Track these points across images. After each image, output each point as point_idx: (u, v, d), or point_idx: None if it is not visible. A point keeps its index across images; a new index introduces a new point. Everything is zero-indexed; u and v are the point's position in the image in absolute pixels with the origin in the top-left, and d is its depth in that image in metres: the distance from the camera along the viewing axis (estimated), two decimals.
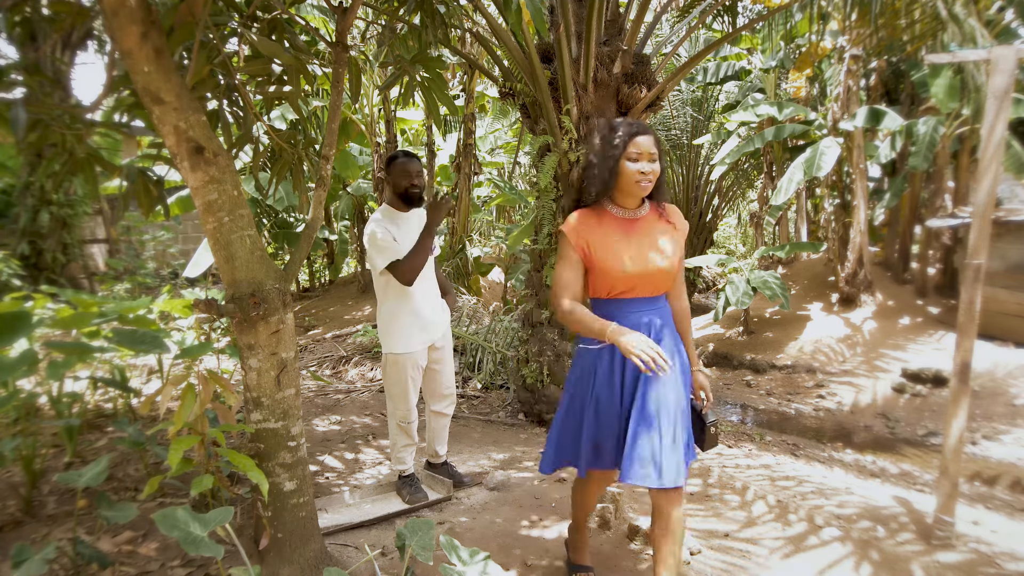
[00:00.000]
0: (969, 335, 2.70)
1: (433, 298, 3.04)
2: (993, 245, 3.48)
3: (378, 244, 2.83)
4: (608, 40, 4.21)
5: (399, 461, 3.10)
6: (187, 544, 1.80)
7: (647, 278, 2.02)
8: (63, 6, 2.13)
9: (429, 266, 3.02)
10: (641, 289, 2.04)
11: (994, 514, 3.31)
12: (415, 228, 2.99)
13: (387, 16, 2.66)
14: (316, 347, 7.41)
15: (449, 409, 3.21)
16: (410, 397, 3.00)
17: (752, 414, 5.91)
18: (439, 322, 3.03)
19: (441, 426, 3.24)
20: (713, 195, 10.60)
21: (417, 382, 3.02)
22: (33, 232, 8.58)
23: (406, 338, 2.90)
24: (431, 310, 2.99)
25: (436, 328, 3.00)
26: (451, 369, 3.17)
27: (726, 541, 2.75)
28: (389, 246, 2.81)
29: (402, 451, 3.09)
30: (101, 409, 3.96)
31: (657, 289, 2.05)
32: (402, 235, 2.89)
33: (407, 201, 2.95)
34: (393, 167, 2.95)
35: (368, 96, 7.60)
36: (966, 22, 4.47)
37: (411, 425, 3.05)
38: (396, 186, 2.94)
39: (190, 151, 1.91)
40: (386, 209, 3.00)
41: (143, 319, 3.52)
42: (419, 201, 2.98)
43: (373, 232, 2.83)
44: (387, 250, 2.81)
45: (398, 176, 2.93)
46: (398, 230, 2.89)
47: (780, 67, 8.78)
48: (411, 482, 3.10)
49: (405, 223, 2.96)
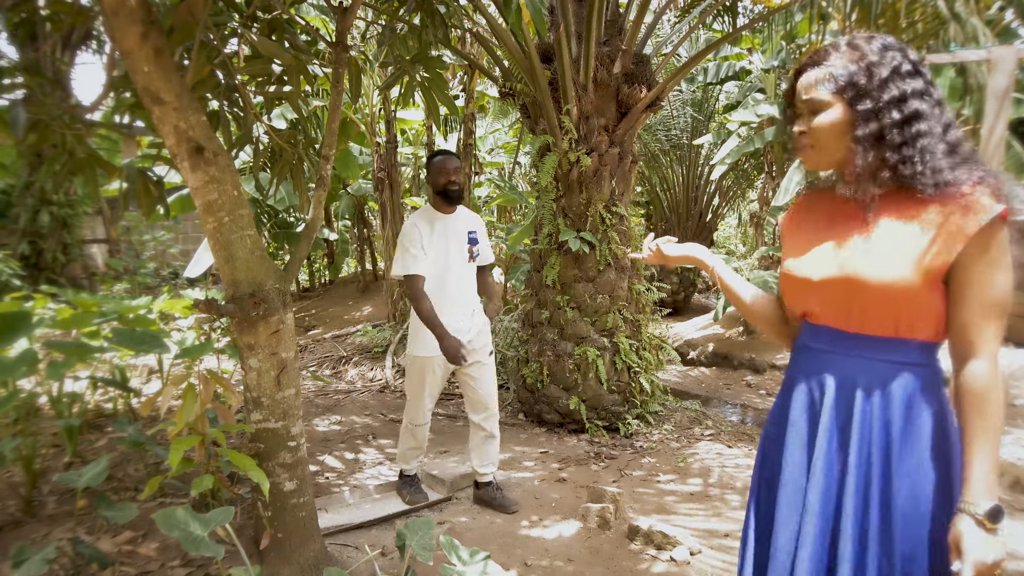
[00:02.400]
0: None
1: (464, 306, 2.92)
2: None
3: (401, 248, 2.78)
4: (608, 40, 4.21)
5: (403, 461, 3.08)
6: (187, 544, 1.80)
7: (835, 291, 1.20)
8: (63, 6, 2.13)
9: (463, 274, 2.93)
10: (827, 313, 1.23)
11: None
12: (456, 232, 2.90)
13: (387, 16, 2.66)
14: (316, 347, 7.41)
15: (488, 424, 3.01)
16: (423, 401, 2.93)
17: (752, 414, 5.91)
18: (467, 330, 2.88)
19: (479, 440, 3.04)
20: (713, 195, 10.58)
21: (434, 388, 2.94)
22: (33, 232, 8.58)
23: (427, 341, 2.79)
24: (459, 318, 2.87)
25: (462, 336, 2.82)
26: (488, 381, 2.99)
27: (726, 541, 2.75)
28: (408, 255, 2.76)
29: (407, 453, 3.06)
30: (101, 409, 3.96)
31: (866, 317, 1.18)
32: (437, 238, 2.82)
33: (447, 199, 2.87)
34: (431, 166, 2.90)
35: (368, 96, 7.59)
36: (968, 21, 4.46)
37: (419, 429, 3.00)
38: (435, 184, 2.87)
39: (190, 151, 1.91)
40: (427, 209, 2.93)
41: (143, 319, 3.52)
42: (460, 198, 2.89)
43: (403, 233, 2.80)
44: (407, 259, 2.76)
45: (436, 174, 2.86)
46: (432, 233, 2.82)
47: (781, 67, 8.78)
48: (412, 482, 3.08)
49: (443, 225, 2.88)
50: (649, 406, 4.47)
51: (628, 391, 4.31)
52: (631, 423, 4.24)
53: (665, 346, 4.74)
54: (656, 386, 4.53)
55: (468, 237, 2.94)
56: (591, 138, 4.17)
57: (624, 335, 4.27)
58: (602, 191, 4.20)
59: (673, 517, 2.97)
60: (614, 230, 4.21)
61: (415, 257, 2.75)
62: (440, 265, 2.83)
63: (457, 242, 2.90)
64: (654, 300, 4.64)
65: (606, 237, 4.19)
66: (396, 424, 4.50)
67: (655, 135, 9.94)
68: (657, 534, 2.63)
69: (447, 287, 2.85)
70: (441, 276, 2.84)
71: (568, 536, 2.76)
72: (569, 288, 4.28)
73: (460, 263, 2.90)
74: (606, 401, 4.22)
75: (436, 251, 2.81)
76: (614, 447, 3.99)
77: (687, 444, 4.09)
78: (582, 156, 4.10)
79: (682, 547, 2.58)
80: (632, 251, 4.40)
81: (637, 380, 4.33)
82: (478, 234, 2.99)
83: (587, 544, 2.69)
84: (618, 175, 4.29)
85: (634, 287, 4.42)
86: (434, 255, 2.81)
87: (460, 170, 2.91)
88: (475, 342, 2.91)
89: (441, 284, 2.84)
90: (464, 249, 2.92)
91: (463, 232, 2.93)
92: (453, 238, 2.89)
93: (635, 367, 4.31)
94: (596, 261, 4.20)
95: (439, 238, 2.83)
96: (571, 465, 3.67)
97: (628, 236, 4.37)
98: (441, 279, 2.84)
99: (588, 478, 3.46)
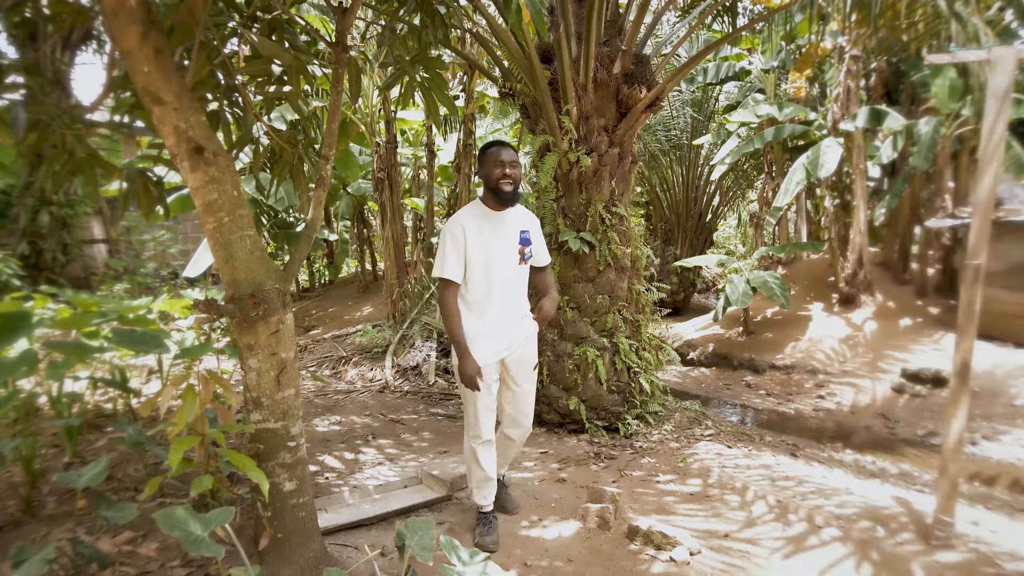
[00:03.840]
0: (969, 335, 2.70)
1: (510, 313, 2.66)
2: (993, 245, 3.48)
3: (441, 247, 2.54)
4: (608, 40, 4.21)
5: (477, 492, 2.74)
6: (188, 544, 1.80)
7: None
8: (63, 6, 2.13)
9: (512, 277, 2.65)
10: None
11: (993, 514, 3.31)
12: (507, 231, 2.61)
13: (387, 16, 2.66)
14: (316, 347, 7.41)
15: (516, 434, 2.83)
16: (479, 412, 2.64)
17: (752, 414, 5.91)
18: (510, 340, 2.65)
19: (505, 446, 2.88)
20: (713, 195, 10.59)
21: (487, 397, 2.64)
22: (33, 232, 8.59)
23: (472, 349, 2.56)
24: (503, 326, 2.63)
25: (504, 342, 2.63)
26: (527, 401, 2.79)
27: (726, 541, 2.75)
28: (446, 257, 2.52)
29: (477, 484, 2.73)
30: (101, 409, 3.96)
31: None
32: (484, 239, 2.56)
33: (499, 198, 2.57)
34: (484, 157, 2.59)
35: (368, 96, 7.60)
36: (969, 21, 4.46)
37: (483, 447, 2.66)
38: (487, 179, 2.57)
39: (190, 151, 1.91)
40: (477, 205, 2.65)
41: (143, 319, 3.52)
42: (515, 199, 2.59)
43: (446, 230, 2.55)
44: (444, 261, 2.53)
45: (488, 166, 2.56)
46: (479, 233, 2.55)
47: (780, 68, 8.78)
48: (485, 520, 2.74)
49: (491, 225, 2.59)
50: (649, 406, 4.47)
51: (628, 391, 4.31)
52: (631, 423, 4.24)
53: (665, 346, 4.74)
54: (656, 386, 4.53)
55: (520, 236, 2.65)
56: (591, 138, 4.17)
57: (624, 335, 4.27)
58: (602, 191, 4.20)
59: (673, 517, 2.97)
60: (614, 230, 4.21)
61: (452, 261, 2.51)
62: (486, 268, 2.57)
63: (507, 242, 2.62)
64: (654, 300, 4.64)
65: (606, 237, 4.19)
66: (395, 424, 4.50)
67: (655, 135, 9.95)
68: (657, 534, 2.63)
69: (492, 292, 2.59)
70: (487, 280, 2.58)
71: (568, 536, 2.76)
72: (569, 288, 4.28)
73: (509, 266, 2.63)
74: (606, 401, 4.22)
75: (482, 252, 2.55)
76: (614, 447, 3.99)
77: (687, 444, 4.09)
78: (582, 156, 4.10)
79: (682, 547, 2.58)
80: (632, 251, 4.41)
81: (637, 380, 4.33)
82: (531, 233, 2.71)
83: (587, 544, 2.69)
84: (618, 175, 4.29)
85: (634, 287, 4.42)
86: (480, 256, 2.55)
87: (517, 164, 2.58)
88: (517, 353, 2.68)
89: (486, 289, 2.59)
90: (514, 250, 2.64)
91: (514, 231, 2.64)
92: (502, 238, 2.61)
93: (635, 367, 4.31)
94: (596, 261, 4.20)
95: (486, 238, 2.56)
96: (571, 465, 3.67)
97: (628, 236, 4.37)
98: (487, 283, 2.58)
99: (588, 478, 3.46)
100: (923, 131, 6.67)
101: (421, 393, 5.46)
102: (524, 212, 2.75)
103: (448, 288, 2.55)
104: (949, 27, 4.52)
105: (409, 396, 5.39)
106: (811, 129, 7.85)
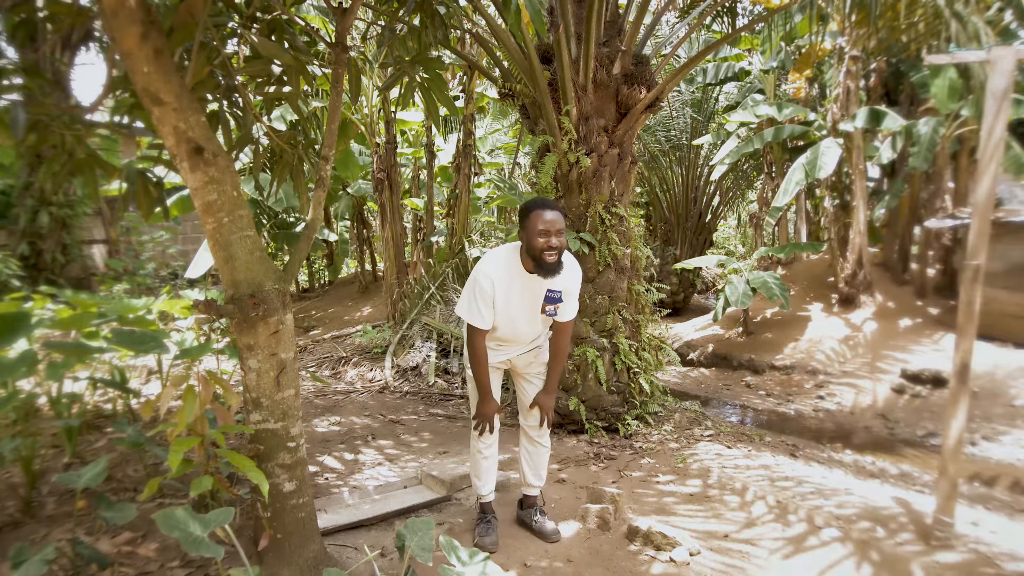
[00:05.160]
0: (968, 336, 2.70)
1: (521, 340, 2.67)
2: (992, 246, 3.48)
3: (470, 294, 2.49)
4: (607, 41, 4.21)
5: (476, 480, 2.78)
6: (187, 544, 1.80)
7: None
8: (60, 7, 2.13)
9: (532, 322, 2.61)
10: None
11: (993, 515, 3.31)
12: (534, 294, 2.53)
13: (387, 17, 2.66)
14: (316, 348, 7.41)
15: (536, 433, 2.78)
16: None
17: (751, 415, 5.91)
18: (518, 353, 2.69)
19: (529, 448, 2.81)
20: (713, 196, 10.59)
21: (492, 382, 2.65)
22: (33, 233, 8.58)
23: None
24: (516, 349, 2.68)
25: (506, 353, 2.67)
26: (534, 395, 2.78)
27: (725, 542, 2.75)
28: (475, 307, 2.47)
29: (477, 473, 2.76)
30: (101, 410, 3.96)
31: None
32: (512, 293, 2.50)
33: (541, 269, 2.41)
34: (527, 220, 2.41)
35: (368, 97, 7.60)
36: (969, 21, 4.47)
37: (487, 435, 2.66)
38: (529, 245, 2.41)
39: (190, 152, 1.91)
40: (511, 256, 2.50)
41: (143, 320, 3.52)
42: (558, 270, 2.41)
43: (475, 280, 2.47)
44: (472, 310, 2.48)
45: (530, 232, 2.38)
46: (510, 288, 2.48)
47: (780, 68, 8.78)
48: (483, 519, 2.74)
49: (522, 283, 2.50)
50: (649, 407, 4.47)
51: (628, 392, 4.31)
52: (630, 424, 4.24)
53: (664, 347, 4.74)
54: (655, 387, 4.53)
55: (547, 295, 2.55)
56: (591, 139, 4.17)
57: (624, 336, 4.27)
58: (601, 192, 4.20)
59: (672, 518, 2.97)
60: (613, 231, 4.21)
61: (480, 312, 2.47)
62: (508, 315, 2.55)
63: (532, 301, 2.56)
64: (653, 301, 4.64)
65: (605, 238, 4.19)
66: (395, 425, 4.50)
67: (655, 136, 9.95)
68: (656, 535, 2.63)
69: (511, 332, 2.61)
70: (507, 323, 2.57)
71: (567, 537, 2.76)
72: None
73: (531, 315, 2.59)
74: (605, 402, 4.22)
75: (505, 308, 2.51)
76: (613, 448, 3.99)
77: (686, 445, 4.09)
78: (581, 157, 4.10)
79: (681, 548, 2.58)
80: (632, 251, 4.41)
81: (636, 381, 4.33)
82: (564, 292, 2.56)
83: (586, 545, 2.69)
84: (617, 176, 4.29)
85: (633, 288, 4.42)
86: (503, 309, 2.51)
87: (563, 231, 2.40)
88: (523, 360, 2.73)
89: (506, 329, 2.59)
90: (538, 305, 2.57)
91: (543, 290, 2.54)
92: (530, 297, 2.54)
93: (634, 368, 4.31)
94: (595, 262, 4.20)
95: (513, 293, 2.50)
96: (570, 466, 3.67)
97: (627, 237, 4.37)
98: (507, 325, 2.57)
99: (587, 479, 3.46)
100: (922, 131, 6.68)
101: (421, 394, 5.46)
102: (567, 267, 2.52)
103: (476, 333, 2.53)
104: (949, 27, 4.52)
105: (409, 397, 5.39)
106: (811, 129, 7.86)
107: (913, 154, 6.72)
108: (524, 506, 2.88)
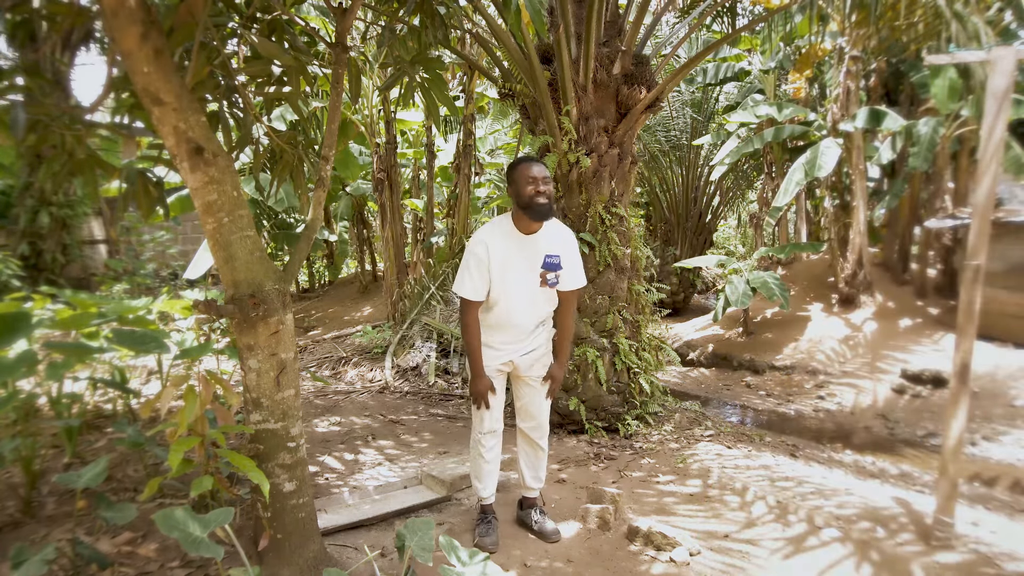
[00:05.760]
0: (968, 336, 2.70)
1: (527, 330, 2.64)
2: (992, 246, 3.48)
3: (464, 264, 2.49)
4: (607, 41, 4.21)
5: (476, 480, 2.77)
6: (187, 544, 1.80)
7: None
8: (59, 7, 2.13)
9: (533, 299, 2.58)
10: None
11: (993, 515, 3.31)
12: (532, 255, 2.51)
13: (387, 17, 2.66)
14: (316, 348, 7.41)
15: (533, 434, 2.79)
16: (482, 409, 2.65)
17: (752, 415, 5.91)
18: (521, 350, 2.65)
19: (527, 450, 2.84)
20: (713, 196, 10.59)
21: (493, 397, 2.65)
22: (33, 233, 8.58)
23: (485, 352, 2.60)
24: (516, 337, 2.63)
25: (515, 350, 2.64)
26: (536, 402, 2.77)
27: (726, 542, 2.75)
28: (467, 276, 2.47)
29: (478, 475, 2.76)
30: (101, 410, 3.96)
31: None
32: (509, 259, 2.48)
33: (533, 213, 2.43)
34: (514, 173, 2.48)
35: (368, 97, 7.60)
36: (969, 21, 4.47)
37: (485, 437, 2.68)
38: (519, 196, 2.44)
39: (190, 152, 1.91)
40: (504, 222, 2.53)
41: (143, 320, 3.52)
42: (549, 213, 2.45)
43: (469, 248, 2.47)
44: (464, 280, 2.48)
45: (520, 183, 2.43)
46: (506, 252, 2.47)
47: (780, 68, 8.79)
48: (484, 519, 2.75)
49: (518, 245, 2.50)
50: (649, 407, 4.47)
51: (628, 392, 4.31)
52: (631, 424, 4.24)
53: (665, 347, 4.74)
54: (656, 387, 4.53)
55: (544, 261, 2.54)
56: (591, 139, 4.17)
57: (624, 336, 4.27)
58: (601, 192, 4.20)
59: (672, 518, 2.97)
60: (613, 231, 4.21)
61: (473, 280, 2.47)
62: (505, 288, 2.52)
63: (529, 266, 2.53)
64: (653, 301, 4.64)
65: (605, 238, 4.19)
66: (395, 425, 4.50)
67: (655, 136, 9.95)
68: (657, 535, 2.63)
69: (512, 310, 2.56)
70: (506, 298, 2.54)
71: (568, 537, 2.76)
72: None
73: (530, 288, 2.56)
74: (606, 402, 4.22)
75: (503, 273, 2.48)
76: (613, 448, 3.99)
77: (686, 445, 4.09)
78: (581, 157, 4.10)
79: (681, 548, 2.58)
80: (632, 252, 4.41)
81: (637, 381, 4.33)
82: (561, 258, 2.56)
83: (587, 545, 2.69)
84: (617, 176, 4.29)
85: (634, 288, 4.42)
86: (499, 278, 2.48)
87: (550, 179, 2.47)
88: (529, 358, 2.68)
89: (505, 306, 2.56)
90: (536, 274, 2.55)
91: (539, 255, 2.53)
92: (526, 261, 2.51)
93: (635, 368, 4.31)
94: (596, 262, 4.20)
95: (513, 259, 2.48)
96: (571, 466, 3.67)
97: (627, 237, 4.37)
98: (506, 300, 2.54)
99: (588, 479, 3.46)
100: (922, 131, 6.68)
101: (421, 394, 5.46)
102: (558, 232, 2.60)
103: (469, 306, 2.52)
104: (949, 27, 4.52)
105: (409, 397, 5.39)
106: (810, 130, 7.86)
107: (913, 154, 6.72)
108: (524, 506, 2.88)
